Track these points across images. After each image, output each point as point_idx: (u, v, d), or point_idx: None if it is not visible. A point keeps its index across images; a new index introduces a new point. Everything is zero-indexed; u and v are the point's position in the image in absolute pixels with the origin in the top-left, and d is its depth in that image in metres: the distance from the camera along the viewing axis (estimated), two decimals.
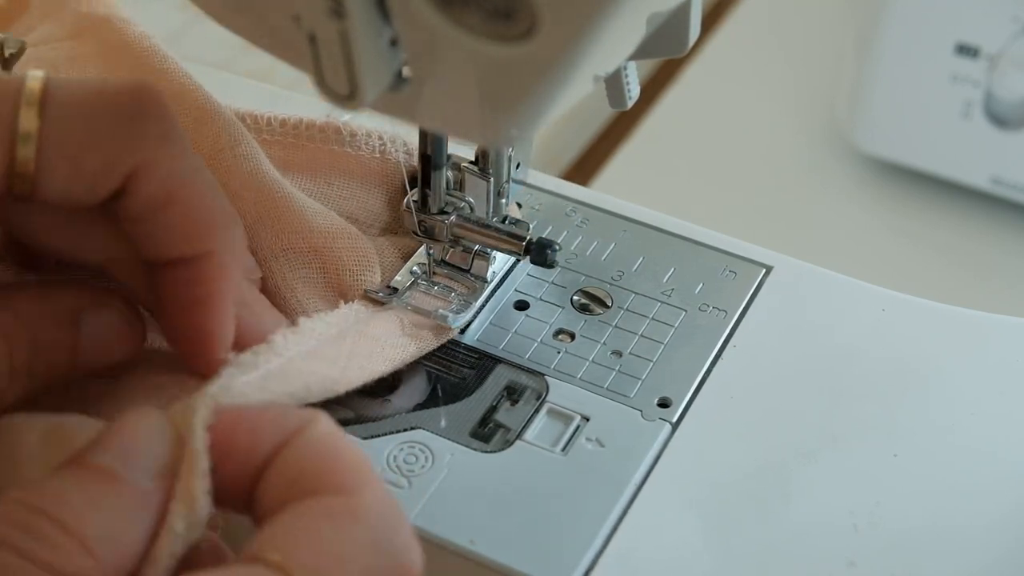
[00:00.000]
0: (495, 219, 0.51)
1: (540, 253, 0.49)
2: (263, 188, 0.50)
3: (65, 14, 0.56)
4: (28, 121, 0.39)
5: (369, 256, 0.50)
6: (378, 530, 0.35)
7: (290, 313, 0.48)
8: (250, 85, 0.63)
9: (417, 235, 0.51)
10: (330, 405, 0.45)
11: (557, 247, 0.49)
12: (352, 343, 0.46)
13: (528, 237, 0.49)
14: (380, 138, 0.53)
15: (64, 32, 0.56)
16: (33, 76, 0.40)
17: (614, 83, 0.49)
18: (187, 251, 0.42)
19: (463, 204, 0.50)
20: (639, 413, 0.47)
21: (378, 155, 0.53)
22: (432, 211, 0.50)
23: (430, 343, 0.49)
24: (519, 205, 0.55)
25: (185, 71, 0.53)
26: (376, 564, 0.35)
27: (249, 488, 0.37)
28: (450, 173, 0.50)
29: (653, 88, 0.95)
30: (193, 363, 0.43)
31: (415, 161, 0.53)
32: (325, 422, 0.37)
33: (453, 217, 0.50)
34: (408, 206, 0.51)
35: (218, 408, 0.38)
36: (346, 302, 0.49)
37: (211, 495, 0.37)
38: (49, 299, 0.43)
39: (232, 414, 0.38)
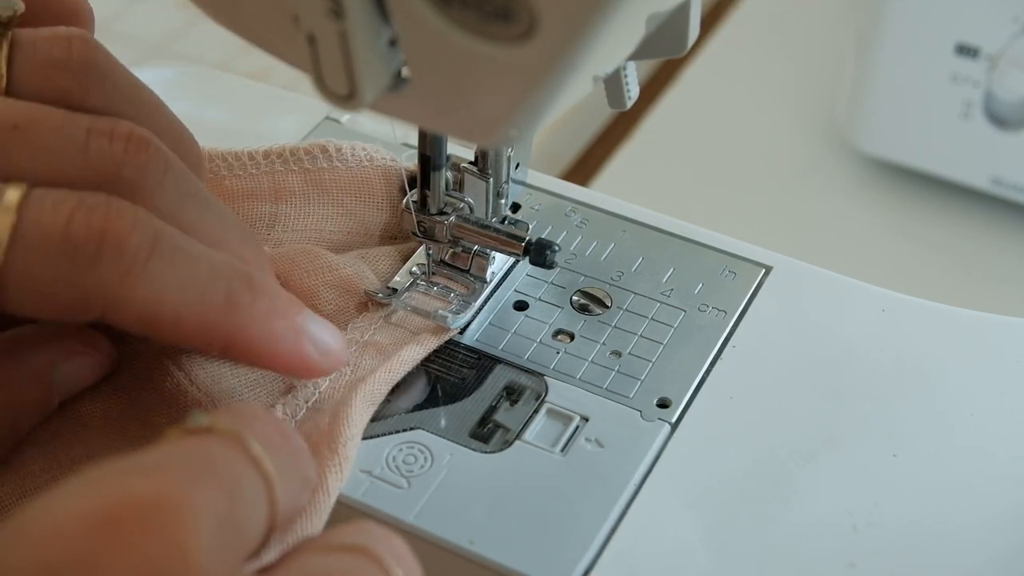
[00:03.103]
0: (494, 219, 0.51)
1: (539, 254, 0.49)
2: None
3: None
4: None
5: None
6: None
7: None
8: (250, 85, 0.63)
9: (416, 236, 0.51)
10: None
11: (556, 248, 0.49)
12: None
13: (527, 238, 0.49)
14: (364, 148, 0.53)
15: None
16: (9, 203, 0.38)
17: (614, 83, 0.49)
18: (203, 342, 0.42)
19: (462, 205, 0.50)
20: (638, 413, 0.47)
21: (367, 163, 0.53)
22: (431, 212, 0.50)
23: (427, 347, 0.49)
24: (518, 206, 0.55)
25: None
26: None
27: None
28: (449, 173, 0.50)
29: (653, 88, 0.95)
30: None
31: (408, 166, 0.53)
32: None
33: (452, 218, 0.50)
34: (407, 207, 0.51)
35: None
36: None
37: None
38: (25, 362, 0.43)
39: None
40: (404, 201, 0.51)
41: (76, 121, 0.41)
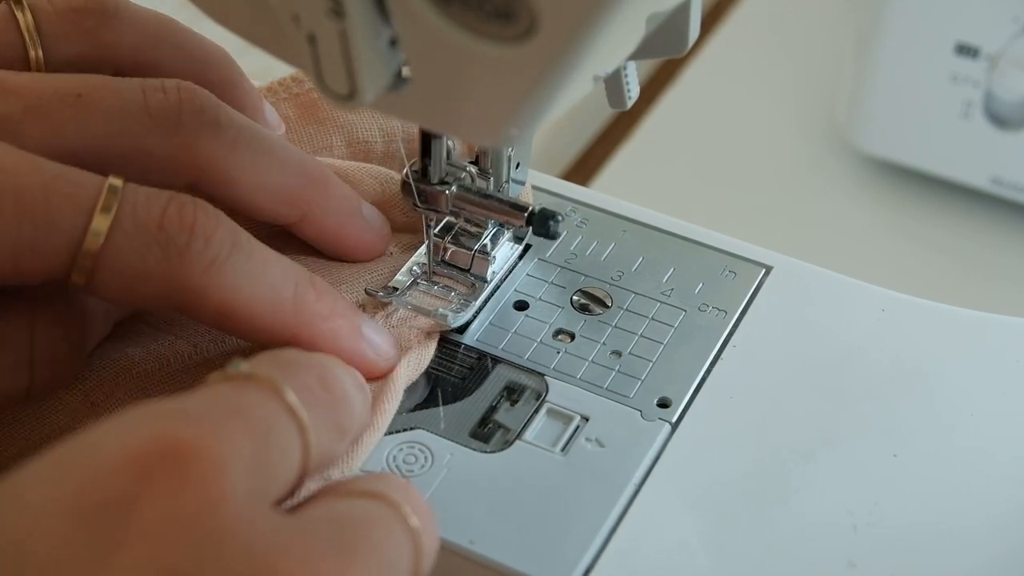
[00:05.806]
0: (497, 190, 0.50)
1: (543, 224, 0.48)
2: None
3: None
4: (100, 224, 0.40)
5: None
6: None
7: None
8: None
9: (418, 207, 0.50)
10: None
11: (561, 217, 0.48)
12: None
13: (531, 207, 0.49)
14: None
15: None
16: (109, 194, 0.41)
17: (614, 83, 0.49)
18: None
19: (463, 174, 0.49)
20: (639, 413, 0.47)
21: None
22: (432, 181, 0.49)
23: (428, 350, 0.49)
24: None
25: None
26: None
27: None
28: (450, 142, 0.49)
29: (653, 88, 0.95)
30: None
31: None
32: None
33: (454, 188, 0.49)
34: (407, 177, 0.50)
35: None
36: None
37: None
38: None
39: None
40: (404, 172, 0.50)
41: (128, 81, 0.45)
